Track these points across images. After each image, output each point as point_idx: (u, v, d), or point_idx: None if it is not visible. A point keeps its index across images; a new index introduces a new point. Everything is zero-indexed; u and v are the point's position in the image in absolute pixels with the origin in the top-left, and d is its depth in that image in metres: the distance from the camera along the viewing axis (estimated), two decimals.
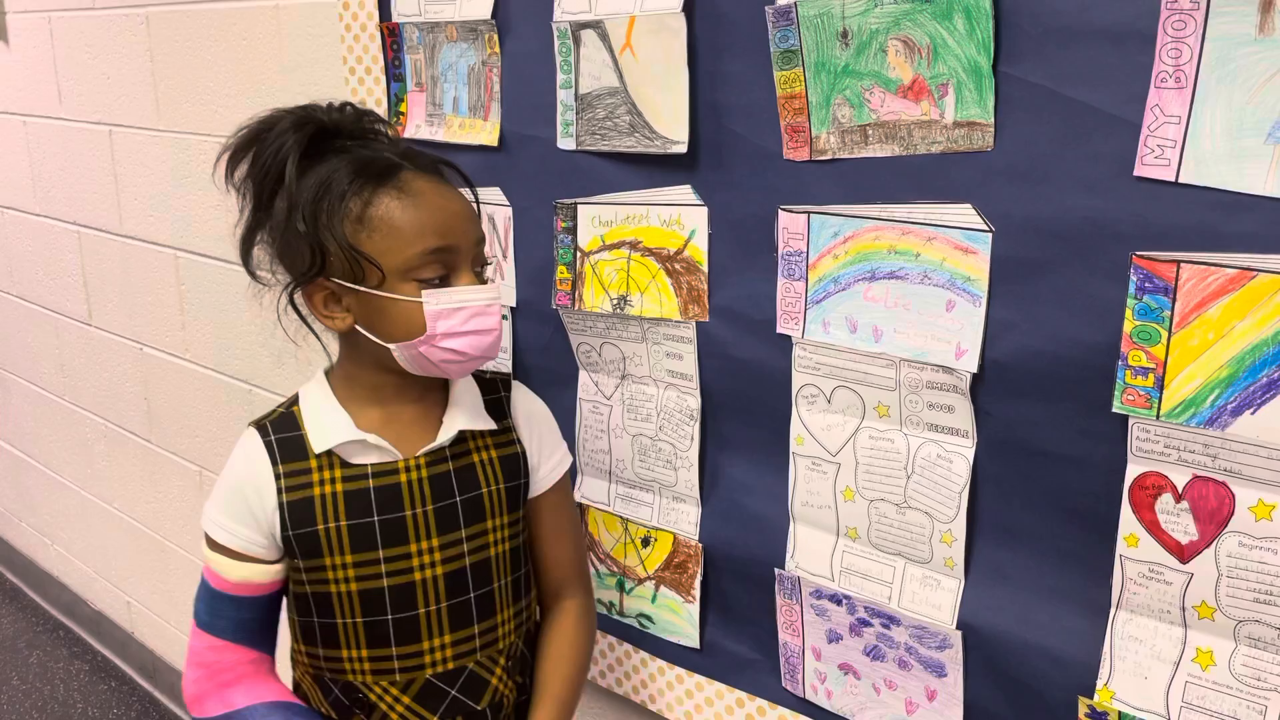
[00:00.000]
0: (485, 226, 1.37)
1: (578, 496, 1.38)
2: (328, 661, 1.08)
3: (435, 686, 1.07)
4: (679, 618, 1.31)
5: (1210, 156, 0.80)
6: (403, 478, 1.05)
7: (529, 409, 1.17)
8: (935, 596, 1.06)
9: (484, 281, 1.03)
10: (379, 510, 1.04)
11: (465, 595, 1.07)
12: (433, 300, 0.98)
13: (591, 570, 1.39)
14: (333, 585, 1.04)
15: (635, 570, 1.34)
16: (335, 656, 1.07)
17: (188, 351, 2.13)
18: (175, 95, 1.94)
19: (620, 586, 1.37)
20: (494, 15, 1.28)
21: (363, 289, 0.98)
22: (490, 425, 1.11)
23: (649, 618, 1.34)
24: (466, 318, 0.99)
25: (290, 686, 1.13)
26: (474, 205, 1.05)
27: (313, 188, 0.98)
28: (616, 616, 1.38)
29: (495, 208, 1.36)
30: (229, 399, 2.05)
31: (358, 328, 1.01)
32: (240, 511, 1.04)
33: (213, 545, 1.06)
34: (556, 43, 1.22)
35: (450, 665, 1.07)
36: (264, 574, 1.06)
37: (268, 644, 1.11)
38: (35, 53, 2.31)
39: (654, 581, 1.32)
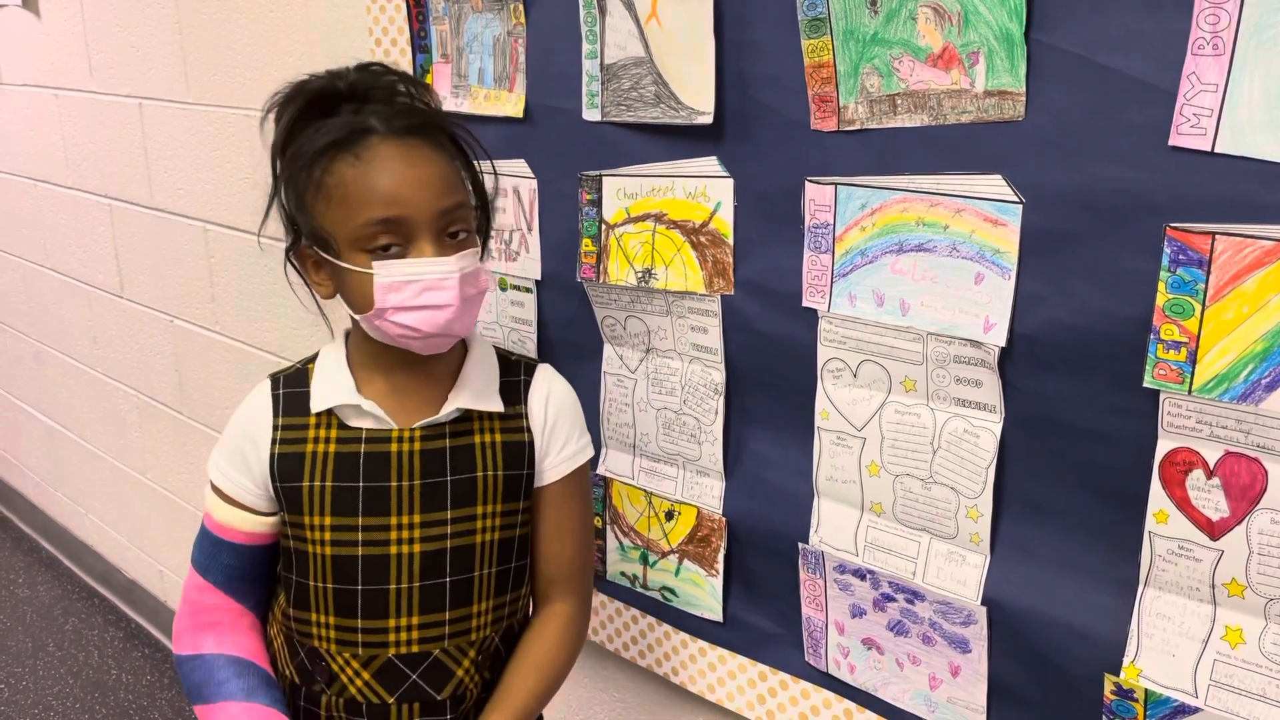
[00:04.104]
0: (510, 200, 1.37)
1: (602, 469, 1.38)
2: (298, 623, 1.07)
3: (396, 667, 1.04)
4: (702, 591, 1.31)
5: (1248, 125, 0.78)
6: (394, 448, 1.03)
7: (550, 396, 1.10)
8: (960, 572, 1.05)
9: (454, 250, 0.96)
10: (365, 477, 1.02)
11: (440, 578, 1.04)
12: (381, 272, 0.94)
13: (615, 544, 1.39)
14: (309, 545, 1.04)
15: (659, 544, 1.34)
16: (305, 619, 1.06)
17: (217, 324, 2.15)
18: (204, 68, 1.95)
19: (644, 560, 1.37)
20: None
21: (328, 257, 0.98)
22: (497, 408, 1.06)
23: (672, 591, 1.35)
24: (417, 291, 0.95)
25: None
26: (456, 170, 1.00)
27: (291, 156, 0.98)
28: (640, 590, 1.38)
29: (520, 180, 1.35)
30: (259, 371, 2.06)
31: (338, 296, 1.01)
32: (235, 458, 1.06)
33: (212, 487, 1.08)
34: (582, 12, 1.21)
35: (415, 649, 1.04)
36: (249, 522, 1.07)
37: (252, 599, 1.11)
38: (66, 25, 2.33)
39: (677, 555, 1.32)
